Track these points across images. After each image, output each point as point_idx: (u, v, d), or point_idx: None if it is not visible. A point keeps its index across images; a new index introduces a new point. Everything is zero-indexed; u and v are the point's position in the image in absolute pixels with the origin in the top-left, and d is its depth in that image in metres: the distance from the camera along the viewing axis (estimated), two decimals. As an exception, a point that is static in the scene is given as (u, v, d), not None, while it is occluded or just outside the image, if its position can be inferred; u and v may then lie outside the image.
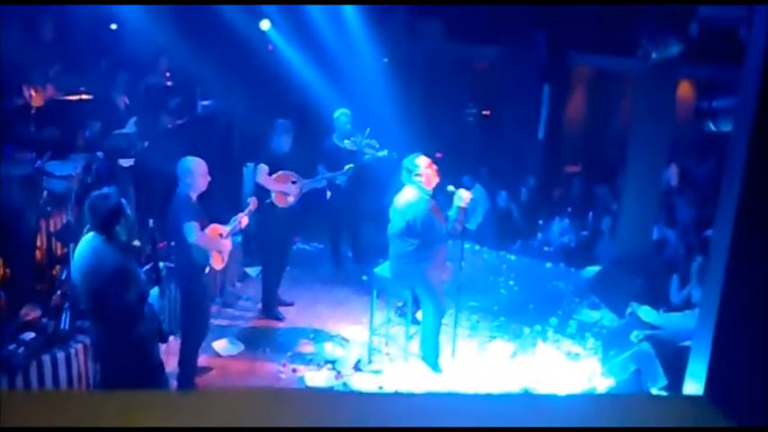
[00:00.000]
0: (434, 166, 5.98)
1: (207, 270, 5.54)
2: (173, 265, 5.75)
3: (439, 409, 1.65)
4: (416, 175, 5.89)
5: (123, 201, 4.29)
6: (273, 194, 6.96)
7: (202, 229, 5.43)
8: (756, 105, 2.41)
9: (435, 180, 5.96)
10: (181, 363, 5.69)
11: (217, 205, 6.45)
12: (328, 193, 7.99)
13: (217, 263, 5.62)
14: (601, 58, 10.78)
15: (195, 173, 5.47)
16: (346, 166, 7.65)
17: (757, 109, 2.41)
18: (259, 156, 7.14)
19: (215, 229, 5.60)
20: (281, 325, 7.14)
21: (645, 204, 7.85)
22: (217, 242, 5.58)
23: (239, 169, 8.82)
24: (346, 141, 8.00)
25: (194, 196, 5.48)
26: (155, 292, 4.48)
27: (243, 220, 5.87)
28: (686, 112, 9.80)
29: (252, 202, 6.20)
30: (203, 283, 5.62)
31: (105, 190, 4.37)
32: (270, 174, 6.93)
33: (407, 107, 9.96)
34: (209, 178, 5.56)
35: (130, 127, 7.69)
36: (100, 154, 7.12)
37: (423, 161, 5.94)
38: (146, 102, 8.47)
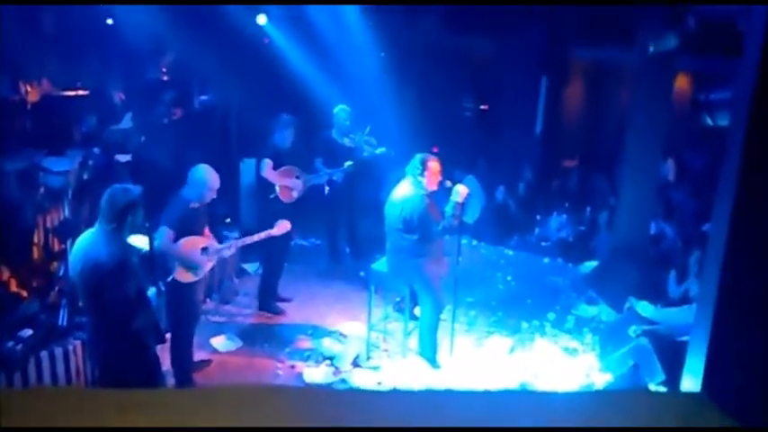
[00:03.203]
0: (440, 171, 5.97)
1: (169, 279, 5.26)
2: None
3: (438, 406, 1.65)
4: (421, 174, 5.89)
5: (140, 200, 4.27)
6: (278, 189, 6.98)
7: (194, 234, 5.40)
8: (753, 99, 2.42)
9: (437, 181, 5.96)
10: (172, 362, 5.66)
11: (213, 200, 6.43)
12: (326, 189, 7.99)
13: (182, 276, 5.37)
14: (598, 50, 10.77)
15: (208, 186, 5.39)
16: (346, 164, 7.69)
17: (754, 102, 2.41)
18: (259, 150, 7.14)
19: (193, 242, 5.40)
20: (279, 321, 7.15)
21: (642, 198, 7.85)
22: (189, 256, 5.37)
23: (236, 164, 8.83)
24: (345, 139, 8.02)
25: (195, 206, 5.42)
26: (152, 290, 4.48)
27: (233, 247, 5.82)
28: (684, 105, 9.80)
29: (279, 226, 6.09)
30: (176, 289, 5.35)
31: (129, 185, 4.37)
32: (274, 168, 6.95)
33: (404, 101, 9.96)
34: (215, 195, 5.51)
35: (127, 122, 7.70)
36: (96, 149, 7.11)
37: (434, 165, 5.92)
38: (142, 97, 8.47)
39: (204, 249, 5.48)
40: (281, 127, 7.00)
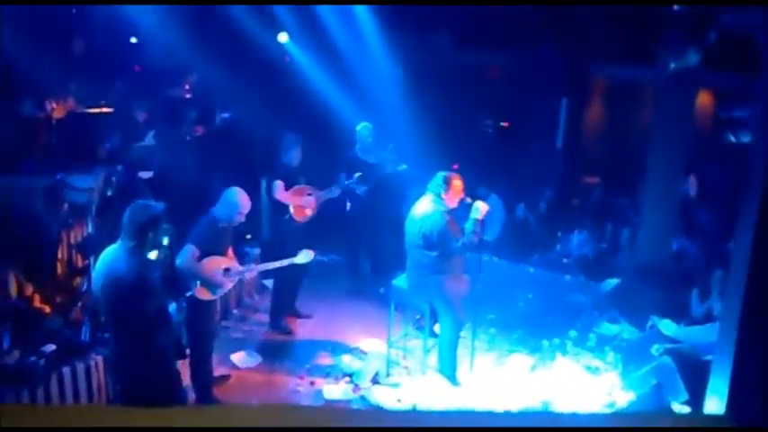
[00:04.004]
0: (463, 189, 5.96)
1: (188, 294, 5.29)
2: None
3: (457, 425, 1.64)
4: (444, 191, 5.88)
5: (161, 216, 4.29)
6: (292, 209, 6.98)
7: (218, 253, 5.44)
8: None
9: (459, 199, 5.95)
10: (191, 375, 5.69)
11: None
12: (348, 205, 7.99)
13: (201, 294, 5.42)
14: (619, 68, 10.74)
15: (239, 209, 5.49)
16: (356, 174, 7.65)
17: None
18: (269, 172, 7.14)
19: (216, 262, 5.44)
20: (298, 337, 7.14)
21: (664, 216, 7.78)
22: (211, 276, 5.41)
23: (258, 181, 8.87)
24: (369, 156, 8.03)
25: (223, 226, 5.49)
26: (173, 306, 4.49)
27: (254, 271, 5.92)
28: (706, 121, 9.72)
29: (304, 254, 6.15)
30: (198, 303, 5.44)
31: (150, 202, 4.41)
32: (286, 188, 6.96)
33: (425, 119, 9.97)
34: (244, 219, 5.58)
35: (150, 139, 7.77)
36: (120, 166, 7.18)
37: (458, 183, 5.93)
38: (165, 114, 8.55)
39: (226, 270, 5.52)
40: (287, 146, 7.01)
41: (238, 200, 5.49)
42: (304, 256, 6.16)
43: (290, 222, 6.98)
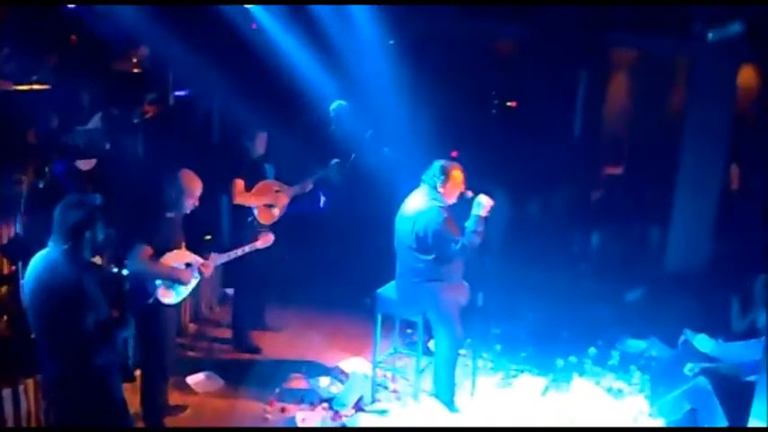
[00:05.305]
0: (463, 180, 5.96)
1: (150, 300, 5.29)
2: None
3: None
4: (441, 184, 5.87)
5: (98, 212, 4.25)
6: (256, 211, 6.90)
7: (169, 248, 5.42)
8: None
9: (458, 193, 5.95)
10: (142, 402, 5.66)
11: (195, 213, 6.43)
12: (322, 199, 7.97)
13: (164, 296, 5.41)
14: (647, 38, 10.77)
15: (187, 192, 5.43)
16: (332, 161, 7.56)
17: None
18: (233, 163, 6.98)
19: (175, 256, 5.44)
20: (267, 356, 7.14)
21: (700, 212, 7.84)
22: (171, 274, 5.40)
23: (218, 171, 8.83)
24: (345, 139, 8.01)
25: (171, 215, 5.45)
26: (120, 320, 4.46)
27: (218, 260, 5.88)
28: (750, 102, 9.76)
29: (264, 238, 6.23)
30: (153, 312, 5.39)
31: (85, 196, 4.36)
32: (248, 186, 6.88)
33: (417, 97, 9.96)
34: (197, 203, 5.53)
35: (95, 123, 7.72)
36: (54, 154, 7.15)
37: (457, 174, 5.93)
38: (109, 93, 8.51)
39: (188, 266, 5.53)
40: (250, 133, 6.92)
41: (184, 182, 5.43)
42: (265, 240, 6.22)
43: (253, 226, 6.87)
